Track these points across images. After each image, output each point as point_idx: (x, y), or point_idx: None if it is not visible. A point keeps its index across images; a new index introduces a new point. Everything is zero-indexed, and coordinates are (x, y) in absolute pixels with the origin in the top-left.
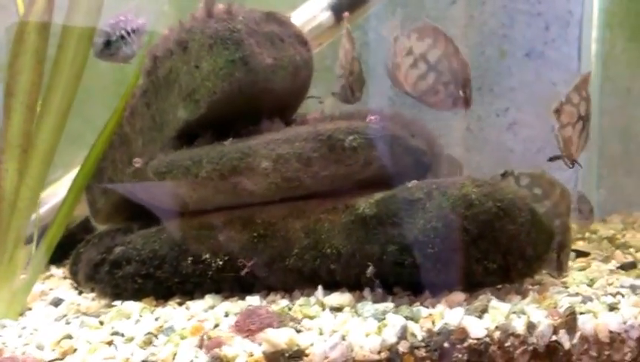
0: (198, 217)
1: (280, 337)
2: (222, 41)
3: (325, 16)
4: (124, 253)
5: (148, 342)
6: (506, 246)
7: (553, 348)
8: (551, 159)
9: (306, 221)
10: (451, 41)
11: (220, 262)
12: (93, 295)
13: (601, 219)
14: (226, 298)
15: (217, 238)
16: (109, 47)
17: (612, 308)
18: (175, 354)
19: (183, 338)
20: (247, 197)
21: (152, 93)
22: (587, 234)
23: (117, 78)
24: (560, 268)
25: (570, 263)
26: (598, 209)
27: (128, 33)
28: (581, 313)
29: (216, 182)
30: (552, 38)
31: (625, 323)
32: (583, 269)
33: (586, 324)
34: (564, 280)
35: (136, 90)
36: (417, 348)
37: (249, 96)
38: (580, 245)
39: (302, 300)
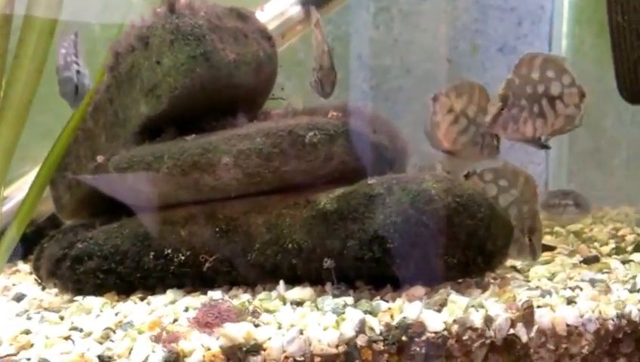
0: (160, 212)
1: (237, 331)
2: (183, 36)
3: (295, 10)
4: (85, 249)
5: (105, 337)
6: (466, 241)
7: (511, 341)
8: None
9: (267, 216)
10: (484, 93)
11: (182, 257)
12: (56, 290)
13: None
14: (188, 293)
15: (179, 233)
16: (77, 90)
17: (570, 301)
18: (131, 349)
19: (140, 333)
20: (209, 192)
21: (114, 88)
22: (555, 229)
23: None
24: (533, 253)
25: None
26: None
27: (77, 62)
28: (539, 306)
29: (178, 178)
30: (524, 33)
31: (582, 316)
32: (546, 263)
33: (543, 318)
34: (526, 273)
35: (100, 86)
36: (375, 341)
37: (211, 91)
38: (547, 239)
39: (263, 294)
